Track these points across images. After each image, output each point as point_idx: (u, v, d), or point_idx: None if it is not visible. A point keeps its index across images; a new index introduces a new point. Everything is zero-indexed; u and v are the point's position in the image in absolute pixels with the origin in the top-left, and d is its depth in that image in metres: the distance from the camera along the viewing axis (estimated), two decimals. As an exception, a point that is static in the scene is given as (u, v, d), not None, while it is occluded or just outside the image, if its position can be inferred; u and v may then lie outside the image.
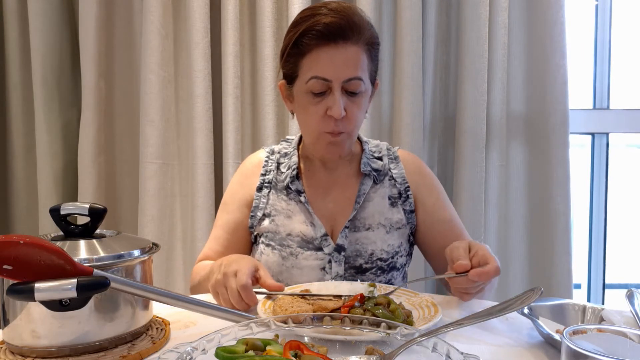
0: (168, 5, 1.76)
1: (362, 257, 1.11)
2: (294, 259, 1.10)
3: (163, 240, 1.79)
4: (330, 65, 1.00)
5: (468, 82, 1.68)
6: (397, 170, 1.18)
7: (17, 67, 1.85)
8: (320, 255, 1.10)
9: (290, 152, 1.19)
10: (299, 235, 1.11)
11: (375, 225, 1.12)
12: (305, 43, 1.01)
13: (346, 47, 1.00)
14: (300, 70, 1.04)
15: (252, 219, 1.16)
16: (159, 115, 1.76)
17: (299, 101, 1.07)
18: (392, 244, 1.12)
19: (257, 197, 1.16)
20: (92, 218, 0.76)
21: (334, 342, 0.64)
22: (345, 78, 1.01)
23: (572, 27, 1.70)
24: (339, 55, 1.00)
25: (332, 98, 1.01)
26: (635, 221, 3.16)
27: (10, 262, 0.62)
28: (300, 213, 1.13)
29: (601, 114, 1.92)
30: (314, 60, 1.01)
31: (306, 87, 1.03)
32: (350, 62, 1.01)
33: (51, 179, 1.84)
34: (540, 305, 0.80)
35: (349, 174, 1.17)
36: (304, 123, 1.10)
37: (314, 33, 0.99)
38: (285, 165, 1.17)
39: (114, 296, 0.71)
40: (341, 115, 1.01)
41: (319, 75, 1.00)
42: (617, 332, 0.50)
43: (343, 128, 1.04)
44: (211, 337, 0.59)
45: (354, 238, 1.11)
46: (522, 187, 1.77)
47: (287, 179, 1.14)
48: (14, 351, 0.70)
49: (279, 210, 1.14)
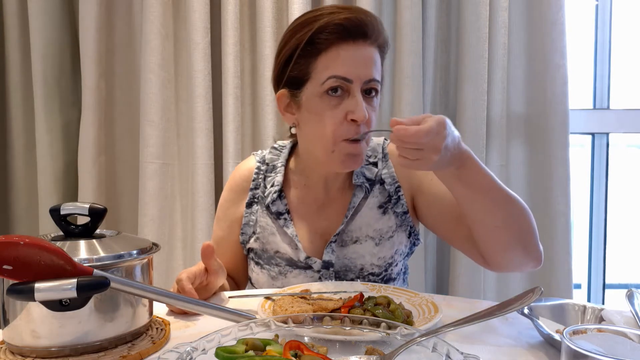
0: (168, 5, 1.76)
1: (352, 272, 1.06)
2: (283, 278, 1.07)
3: (163, 240, 1.79)
4: (352, 63, 0.92)
5: (468, 82, 1.68)
6: (387, 170, 1.09)
7: (17, 67, 1.86)
8: (310, 273, 1.05)
9: (278, 167, 1.10)
10: (286, 254, 1.07)
11: (363, 237, 1.06)
12: (322, 39, 0.92)
13: (365, 46, 0.94)
14: (314, 71, 0.94)
15: (243, 235, 1.12)
16: (159, 115, 1.76)
17: (311, 107, 0.96)
18: (383, 257, 1.07)
19: (246, 214, 1.11)
20: (92, 218, 0.76)
21: (334, 342, 0.64)
22: (366, 79, 0.94)
23: (572, 27, 1.70)
24: (360, 54, 0.93)
25: (353, 100, 0.93)
26: (635, 221, 3.16)
27: (10, 262, 0.62)
28: (283, 234, 1.07)
29: (601, 114, 1.92)
30: (333, 59, 0.92)
31: (322, 88, 0.93)
32: (370, 62, 0.94)
33: (51, 179, 1.84)
34: (540, 305, 0.80)
35: (343, 187, 1.09)
36: (316, 133, 0.97)
37: (333, 28, 0.91)
38: (270, 181, 1.10)
39: (114, 296, 0.71)
40: (366, 118, 0.92)
41: (339, 75, 0.92)
42: (617, 332, 0.50)
43: (363, 132, 0.95)
44: (211, 337, 0.59)
45: (341, 253, 1.05)
46: (522, 187, 1.77)
47: (269, 199, 1.07)
48: (14, 351, 0.70)
49: (264, 227, 1.09)
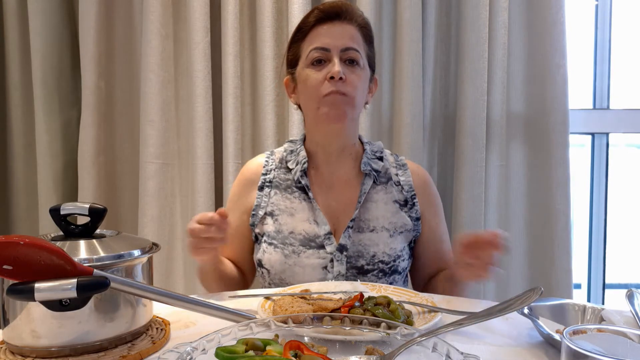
0: (168, 5, 1.76)
1: (364, 258, 1.12)
2: (296, 257, 1.11)
3: (163, 240, 1.79)
4: (329, 36, 1.12)
5: (468, 82, 1.68)
6: (405, 177, 1.21)
7: (17, 67, 1.85)
8: (322, 254, 1.11)
9: (297, 149, 1.21)
10: (302, 234, 1.13)
11: (379, 228, 1.14)
12: (307, 24, 1.15)
13: (342, 24, 1.14)
14: (303, 50, 1.15)
15: (254, 217, 1.18)
16: (159, 115, 1.76)
17: (302, 78, 1.14)
18: (395, 248, 1.14)
19: (258, 197, 1.19)
20: (92, 218, 0.76)
21: (334, 342, 0.64)
22: (342, 47, 1.11)
23: (572, 27, 1.70)
24: (335, 29, 1.13)
25: (331, 63, 1.10)
26: (635, 221, 3.15)
27: (10, 262, 0.62)
28: (304, 211, 1.15)
29: (601, 114, 1.92)
30: (315, 36, 1.14)
31: (307, 59, 1.13)
32: (346, 35, 1.13)
33: (51, 179, 1.84)
34: (540, 305, 0.80)
35: (350, 174, 1.20)
36: (305, 96, 1.15)
37: (315, 15, 1.15)
38: (294, 162, 1.19)
39: (114, 296, 0.71)
40: (340, 74, 1.08)
41: (318, 46, 1.12)
42: (617, 332, 0.50)
43: (344, 89, 1.09)
44: (211, 337, 0.59)
45: (357, 239, 1.13)
46: (522, 187, 1.77)
47: (298, 174, 1.17)
48: (14, 351, 0.70)
49: (282, 209, 1.16)
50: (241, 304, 0.93)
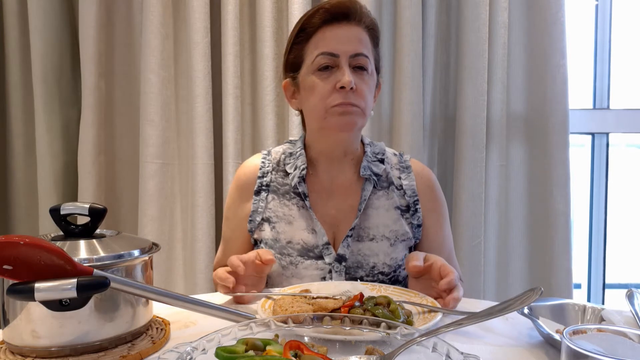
0: (168, 5, 1.76)
1: (363, 269, 1.08)
2: (294, 268, 1.08)
3: (163, 240, 1.79)
4: (337, 40, 1.04)
5: (468, 82, 1.68)
6: (408, 181, 1.14)
7: (17, 67, 1.86)
8: (321, 264, 1.07)
9: (297, 152, 1.14)
10: (300, 243, 1.09)
11: (379, 236, 1.10)
12: (311, 25, 1.06)
13: (350, 26, 1.05)
14: (306, 53, 1.07)
15: (251, 223, 1.13)
16: (159, 115, 1.76)
17: (306, 85, 1.07)
18: (395, 257, 1.10)
19: (255, 201, 1.13)
20: (92, 218, 0.76)
21: (334, 342, 0.64)
22: (352, 53, 1.03)
23: (572, 27, 1.70)
24: (344, 32, 1.05)
25: (340, 71, 1.02)
26: (635, 221, 3.16)
27: (10, 262, 0.62)
28: (302, 219, 1.10)
29: (601, 114, 1.92)
30: (320, 39, 1.05)
31: (313, 65, 1.04)
32: (355, 39, 1.05)
33: (51, 179, 1.84)
34: (540, 305, 0.79)
35: (351, 179, 1.14)
36: (311, 104, 1.07)
37: (319, 16, 1.05)
38: (292, 166, 1.13)
39: (114, 296, 0.71)
40: (351, 85, 1.01)
41: (325, 51, 1.03)
42: (617, 332, 0.50)
43: (354, 101, 1.03)
44: (211, 337, 0.59)
45: (356, 248, 1.09)
46: (522, 187, 1.77)
47: (295, 180, 1.11)
48: (14, 351, 0.70)
49: (280, 217, 1.11)
50: (241, 304, 0.93)
